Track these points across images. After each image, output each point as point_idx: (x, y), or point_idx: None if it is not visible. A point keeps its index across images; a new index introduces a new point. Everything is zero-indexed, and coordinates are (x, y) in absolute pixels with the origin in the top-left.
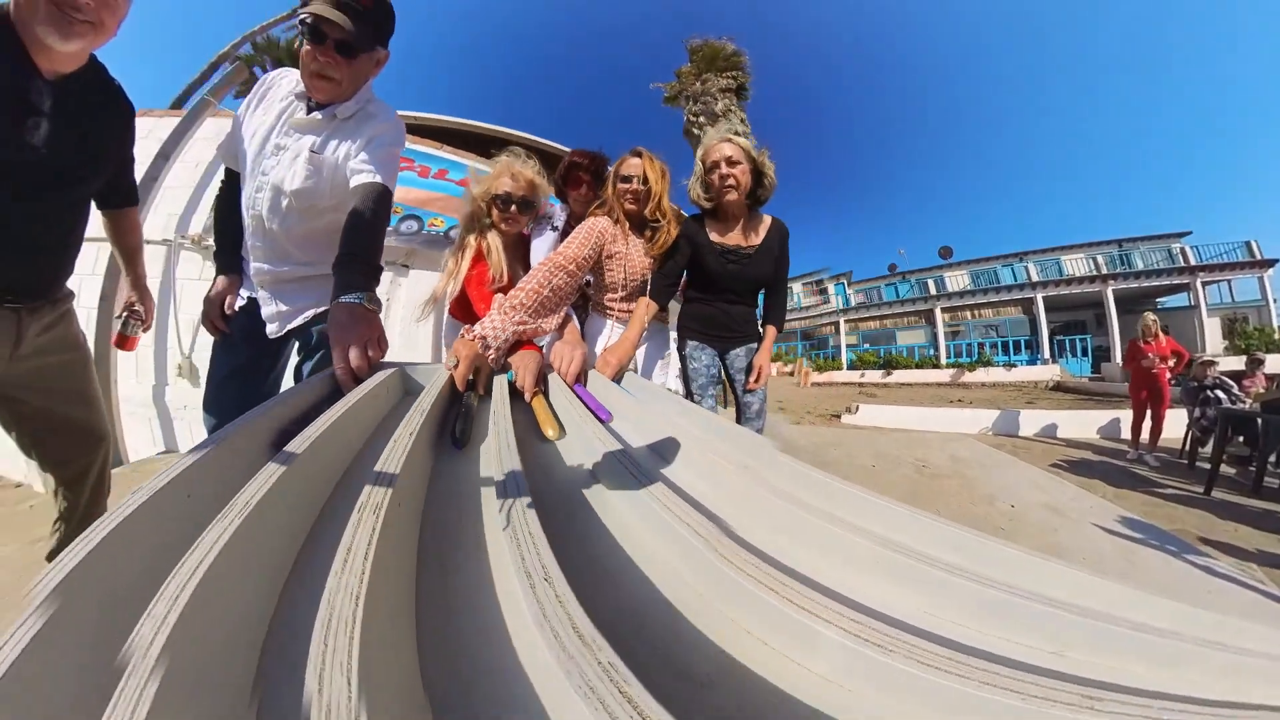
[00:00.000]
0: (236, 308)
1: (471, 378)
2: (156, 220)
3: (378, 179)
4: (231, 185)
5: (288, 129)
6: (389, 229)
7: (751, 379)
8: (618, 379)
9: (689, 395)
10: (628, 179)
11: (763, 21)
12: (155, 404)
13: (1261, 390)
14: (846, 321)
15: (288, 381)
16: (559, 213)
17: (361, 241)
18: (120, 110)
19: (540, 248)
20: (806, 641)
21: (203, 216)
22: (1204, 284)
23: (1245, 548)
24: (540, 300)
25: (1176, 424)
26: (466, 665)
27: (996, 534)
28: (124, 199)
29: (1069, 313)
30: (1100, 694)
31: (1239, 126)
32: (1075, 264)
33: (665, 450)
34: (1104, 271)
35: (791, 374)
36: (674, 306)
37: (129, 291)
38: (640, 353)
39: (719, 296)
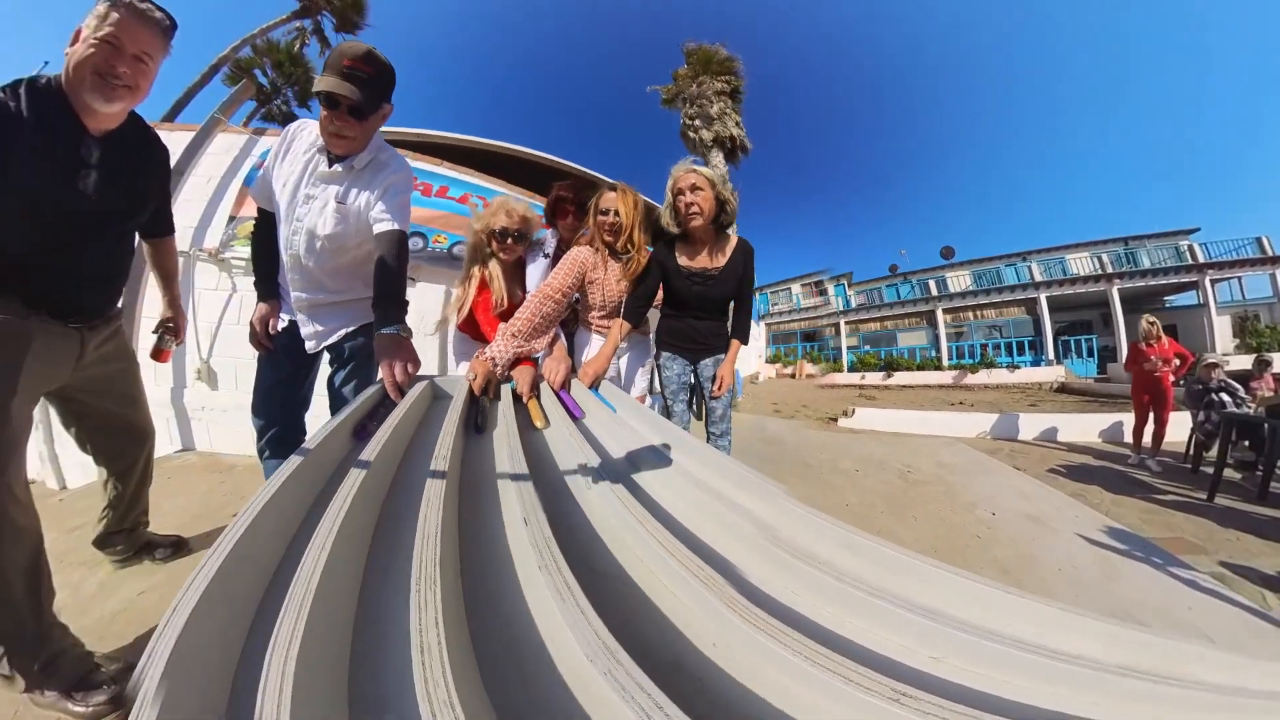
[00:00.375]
0: (279, 329)
1: (485, 386)
2: None
3: (396, 226)
4: (264, 225)
5: (314, 180)
6: None
7: (715, 387)
8: (594, 386)
9: (664, 399)
10: (605, 212)
11: (765, 19)
12: (174, 405)
13: (1269, 393)
14: (847, 323)
15: (321, 385)
16: (550, 239)
17: (390, 283)
18: (157, 156)
19: (534, 274)
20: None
21: (217, 230)
22: (1213, 282)
23: (1267, 570)
24: (533, 327)
25: (1181, 428)
26: (513, 672)
27: (972, 543)
28: (163, 229)
29: (1074, 313)
30: (914, 692)
31: (1248, 120)
32: (1080, 263)
33: (632, 456)
34: (1109, 270)
35: (793, 375)
36: (655, 316)
37: (165, 308)
38: (623, 362)
39: (687, 313)
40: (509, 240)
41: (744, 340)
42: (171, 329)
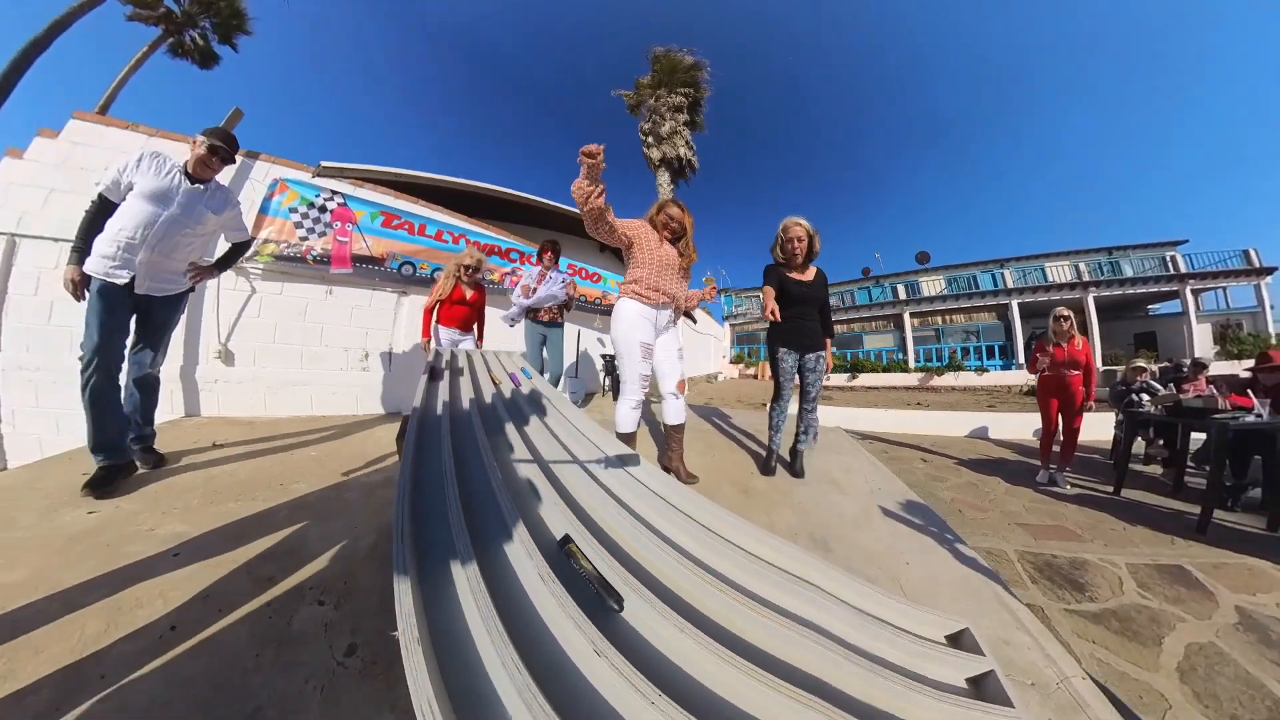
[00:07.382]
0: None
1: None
2: None
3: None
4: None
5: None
6: (393, 272)
7: (826, 370)
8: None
9: (777, 380)
10: (671, 218)
11: (739, 27)
12: (181, 379)
13: (1202, 394)
14: None
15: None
16: (534, 271)
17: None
18: None
19: (553, 282)
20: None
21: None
22: (1194, 291)
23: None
24: (587, 184)
25: (1106, 427)
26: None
27: (753, 499)
28: None
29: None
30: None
31: (1248, 133)
32: (1058, 271)
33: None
34: (1085, 279)
35: (755, 376)
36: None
37: None
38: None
39: (796, 310)
40: (471, 271)
41: (831, 336)
42: None
